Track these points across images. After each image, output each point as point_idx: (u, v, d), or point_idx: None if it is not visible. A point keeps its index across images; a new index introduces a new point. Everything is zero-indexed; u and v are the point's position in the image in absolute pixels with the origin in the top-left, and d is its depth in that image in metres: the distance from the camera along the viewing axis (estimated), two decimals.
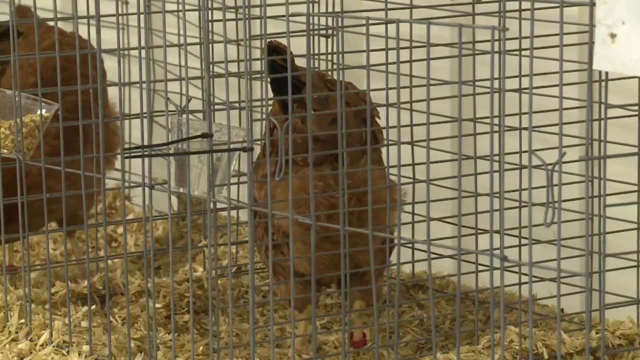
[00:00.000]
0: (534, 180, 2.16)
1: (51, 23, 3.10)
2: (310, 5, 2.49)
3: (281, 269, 2.66)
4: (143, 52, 2.80)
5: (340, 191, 2.43)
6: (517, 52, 2.22)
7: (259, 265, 2.69)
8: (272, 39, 2.45)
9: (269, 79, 2.50)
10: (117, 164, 3.35)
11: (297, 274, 2.61)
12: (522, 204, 2.25)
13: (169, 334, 2.80)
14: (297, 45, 2.45)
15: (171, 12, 2.71)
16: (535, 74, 2.09)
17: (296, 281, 2.62)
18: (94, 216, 3.43)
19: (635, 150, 2.21)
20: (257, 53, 2.62)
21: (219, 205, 2.61)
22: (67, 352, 2.76)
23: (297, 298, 2.65)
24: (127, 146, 2.71)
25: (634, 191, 2.29)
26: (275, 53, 2.45)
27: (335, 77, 2.56)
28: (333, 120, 2.47)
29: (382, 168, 2.63)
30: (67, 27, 3.12)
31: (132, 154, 2.60)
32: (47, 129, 2.87)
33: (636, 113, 2.15)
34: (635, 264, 2.39)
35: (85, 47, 3.02)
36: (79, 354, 2.73)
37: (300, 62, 2.48)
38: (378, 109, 2.59)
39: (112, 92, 2.89)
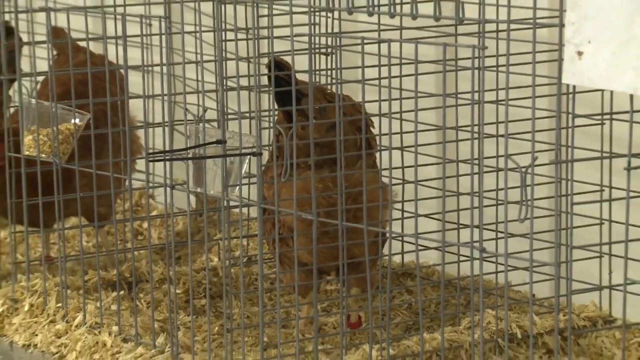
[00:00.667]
0: (510, 181, 2.15)
1: (82, 43, 3.08)
2: (312, 27, 2.48)
3: (286, 259, 2.65)
4: (164, 68, 2.79)
5: (338, 191, 2.41)
6: (495, 68, 2.20)
7: (267, 256, 2.67)
8: (277, 56, 2.43)
9: (274, 92, 2.49)
10: (136, 166, 3.33)
11: (300, 264, 2.61)
12: (499, 202, 2.23)
13: (188, 316, 2.79)
14: (300, 62, 2.43)
15: (189, 32, 2.68)
16: (511, 88, 2.08)
17: (300, 270, 2.62)
18: (121, 212, 3.40)
19: (598, 154, 2.19)
20: (265, 69, 2.60)
21: (231, 203, 2.60)
22: (99, 332, 2.75)
23: (301, 285, 2.64)
24: (150, 151, 2.69)
25: (597, 191, 2.26)
26: (279, 69, 2.45)
27: (334, 90, 2.54)
28: (331, 128, 2.45)
29: (375, 171, 2.62)
30: (97, 46, 3.09)
31: (156, 158, 2.59)
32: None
33: (599, 122, 2.12)
34: (598, 255, 2.37)
35: (107, 66, 3.01)
36: (109, 334, 2.73)
37: (303, 77, 2.47)
38: (372, 118, 2.58)
39: (136, 104, 2.87)
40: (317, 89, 2.50)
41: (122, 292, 2.90)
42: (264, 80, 2.48)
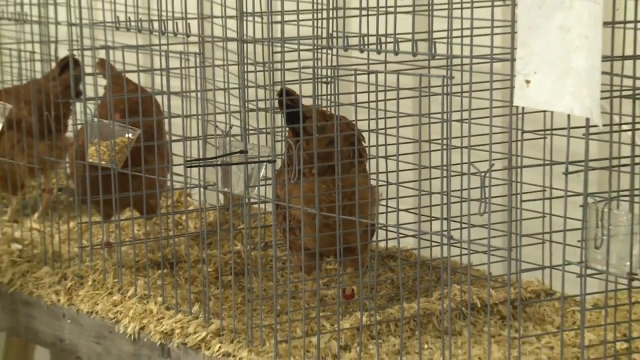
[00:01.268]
0: (472, 183, 2.13)
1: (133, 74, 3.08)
2: (315, 61, 2.46)
3: (295, 245, 2.63)
4: (199, 94, 2.78)
5: (336, 191, 2.40)
6: (460, 94, 2.18)
7: (279, 242, 2.66)
8: (287, 86, 2.42)
9: (285, 113, 2.48)
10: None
11: (306, 249, 2.60)
12: (463, 199, 2.21)
13: (217, 289, 2.77)
14: (306, 90, 2.42)
15: (218, 66, 2.68)
16: (473, 109, 2.07)
17: (305, 253, 2.62)
18: (165, 207, 3.39)
19: (542, 162, 2.17)
20: (277, 95, 2.59)
21: (252, 200, 2.58)
22: (147, 302, 2.75)
23: (306, 265, 2.64)
24: (187, 159, 2.68)
25: (540, 191, 2.24)
26: (288, 95, 2.44)
27: (332, 111, 2.53)
28: (330, 142, 2.44)
29: (365, 175, 2.61)
30: (145, 77, 3.07)
31: (192, 165, 2.59)
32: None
33: (542, 136, 2.10)
34: (541, 241, 2.34)
35: (145, 92, 3.02)
36: (155, 303, 2.72)
37: (308, 102, 2.46)
38: (363, 134, 2.57)
39: (176, 122, 2.87)
40: (318, 111, 2.50)
41: (165, 270, 2.89)
42: (277, 103, 2.47)
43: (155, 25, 2.79)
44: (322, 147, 2.48)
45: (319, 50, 2.50)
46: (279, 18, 2.36)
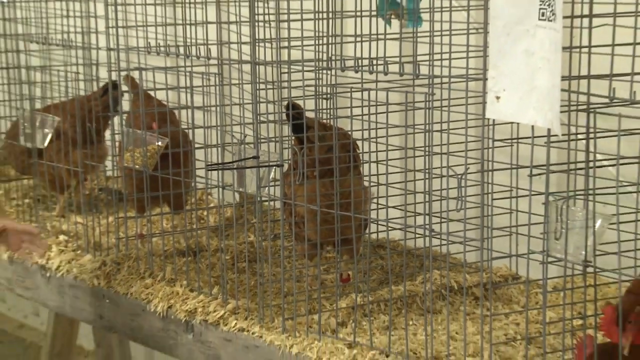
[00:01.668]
0: (450, 184, 2.13)
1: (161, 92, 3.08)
2: (317, 80, 2.46)
3: (299, 236, 2.63)
4: (218, 108, 2.78)
5: (335, 191, 2.39)
6: (440, 108, 2.17)
7: (286, 234, 2.65)
8: (293, 100, 2.42)
9: (291, 125, 2.48)
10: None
11: (308, 240, 2.60)
12: (443, 198, 2.20)
13: (233, 274, 2.77)
14: (309, 104, 2.42)
15: (235, 84, 2.67)
16: (452, 121, 2.07)
17: (308, 243, 2.62)
18: (190, 204, 3.38)
19: (509, 166, 2.16)
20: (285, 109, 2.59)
21: (263, 198, 2.58)
22: (174, 285, 2.74)
23: (309, 253, 2.64)
24: (208, 164, 2.68)
25: (508, 191, 2.24)
26: (294, 109, 2.44)
27: (331, 123, 2.52)
28: (329, 149, 2.43)
29: (359, 177, 2.61)
30: (172, 93, 3.07)
31: (212, 168, 2.59)
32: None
33: (510, 144, 2.09)
34: (509, 234, 2.34)
35: (162, 107, 3.04)
36: (180, 286, 2.72)
37: (310, 114, 2.46)
38: (357, 142, 2.57)
39: (199, 132, 2.88)
40: (319, 123, 2.50)
41: (189, 258, 2.89)
42: (285, 116, 2.47)
43: (181, 50, 2.79)
44: (323, 154, 2.48)
45: (320, 71, 2.49)
46: (286, 44, 2.36)
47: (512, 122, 1.83)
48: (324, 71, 2.49)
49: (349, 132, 2.54)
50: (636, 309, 1.81)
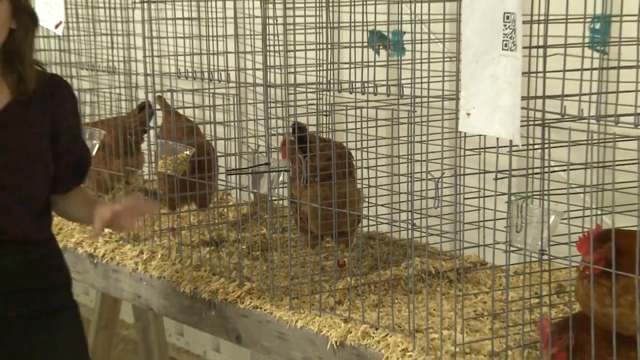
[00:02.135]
0: (429, 186, 2.13)
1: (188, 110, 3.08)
2: (318, 99, 2.45)
3: (303, 229, 2.62)
4: (236, 124, 2.77)
5: (333, 193, 2.38)
6: (420, 123, 2.17)
7: (293, 227, 2.64)
8: (298, 120, 2.43)
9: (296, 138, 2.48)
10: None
11: (311, 232, 2.60)
12: (423, 197, 2.20)
13: (249, 261, 2.76)
14: (311, 120, 2.42)
15: (250, 103, 2.67)
16: (430, 134, 2.07)
17: (311, 235, 2.61)
18: (213, 203, 3.37)
19: (477, 171, 2.15)
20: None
21: (273, 198, 2.58)
22: (199, 269, 2.74)
23: (311, 243, 2.64)
24: (228, 169, 2.68)
25: (477, 192, 2.22)
26: (299, 126, 2.44)
27: (330, 136, 2.52)
28: (328, 159, 2.43)
29: (353, 181, 2.60)
30: (197, 111, 3.07)
31: (231, 173, 2.58)
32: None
33: (478, 153, 2.08)
34: (477, 227, 2.33)
35: (190, 123, 3.05)
36: (205, 270, 2.71)
37: (312, 129, 2.47)
38: (351, 152, 2.56)
39: (220, 143, 2.88)
40: (320, 137, 2.50)
41: (212, 247, 2.87)
42: (291, 130, 2.47)
43: (205, 75, 2.79)
44: (323, 162, 2.48)
45: (321, 92, 2.48)
46: (292, 70, 2.36)
47: (480, 135, 1.81)
48: (324, 92, 2.48)
49: (344, 144, 2.53)
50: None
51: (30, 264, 2.12)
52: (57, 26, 2.94)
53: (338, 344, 2.20)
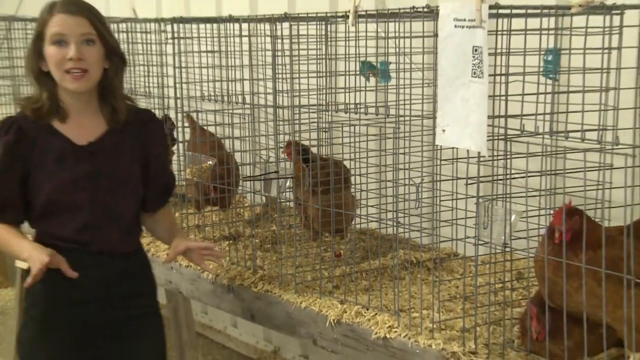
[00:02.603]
0: (411, 190, 2.12)
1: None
2: (318, 119, 2.45)
3: (307, 226, 2.62)
4: (250, 139, 2.77)
5: (332, 199, 2.37)
6: (404, 138, 2.16)
7: (298, 225, 2.63)
8: (302, 143, 2.45)
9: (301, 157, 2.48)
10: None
11: (313, 228, 2.58)
12: (406, 200, 2.19)
13: (261, 252, 2.74)
14: (313, 135, 2.42)
15: (262, 121, 2.67)
16: (412, 147, 2.06)
17: (313, 231, 2.60)
18: (232, 204, 3.36)
19: (451, 177, 2.14)
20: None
21: (281, 200, 2.57)
22: (227, 261, 2.70)
23: (313, 237, 2.63)
24: (245, 176, 2.68)
25: (451, 194, 2.21)
26: (303, 147, 2.45)
27: (329, 149, 2.52)
28: (327, 174, 2.41)
29: (348, 187, 2.59)
30: (220, 128, 3.06)
31: (247, 179, 2.58)
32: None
33: (451, 162, 2.07)
34: (451, 224, 2.32)
35: (212, 138, 3.03)
36: (224, 260, 2.65)
37: (314, 141, 2.47)
38: (345, 164, 2.56)
39: (237, 154, 2.87)
40: (321, 157, 2.51)
41: (230, 241, 2.86)
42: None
43: (225, 97, 2.79)
44: (323, 177, 2.47)
45: (321, 112, 2.48)
46: (297, 93, 2.35)
47: (453, 147, 1.81)
48: (323, 112, 2.48)
49: (341, 160, 2.52)
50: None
51: (118, 273, 2.05)
52: None
53: (335, 321, 2.19)
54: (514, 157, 1.83)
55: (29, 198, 1.98)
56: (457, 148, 1.80)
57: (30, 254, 1.87)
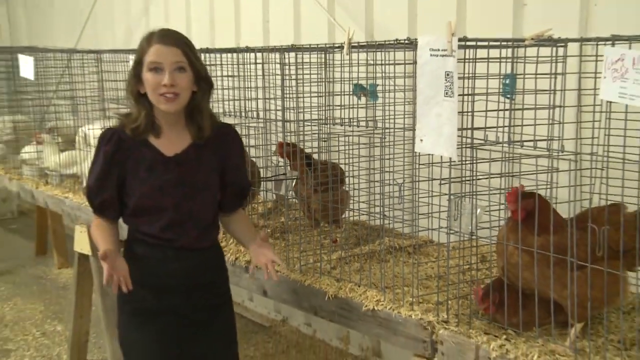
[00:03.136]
0: (395, 189, 2.11)
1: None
2: (319, 131, 2.45)
3: (309, 218, 2.61)
4: (263, 146, 2.76)
5: (330, 195, 2.37)
6: (388, 146, 2.16)
7: (302, 217, 2.63)
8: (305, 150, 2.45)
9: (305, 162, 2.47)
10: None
11: (315, 219, 2.58)
12: (391, 196, 2.19)
13: (272, 239, 2.72)
14: (314, 144, 2.41)
15: (273, 133, 2.66)
16: (395, 153, 2.06)
17: (314, 222, 2.59)
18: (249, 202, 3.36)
19: (428, 178, 2.15)
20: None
21: (289, 197, 2.56)
22: (239, 246, 2.68)
23: (315, 226, 2.62)
24: (261, 177, 2.67)
25: (427, 192, 2.22)
26: (307, 155, 2.45)
27: (327, 157, 2.51)
28: (326, 176, 2.42)
29: (342, 185, 2.59)
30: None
31: (261, 180, 2.57)
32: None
33: (427, 167, 2.08)
34: (427, 217, 2.33)
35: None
36: (243, 246, 2.65)
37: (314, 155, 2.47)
38: (341, 167, 2.55)
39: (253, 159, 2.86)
40: (321, 162, 2.51)
41: None
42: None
43: (242, 113, 2.79)
44: (324, 178, 2.47)
45: (321, 125, 2.49)
46: (301, 110, 2.35)
47: (429, 154, 1.81)
48: (323, 125, 2.48)
49: (337, 164, 2.52)
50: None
51: (196, 265, 2.00)
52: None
53: (333, 296, 2.19)
54: (479, 162, 1.83)
55: (123, 199, 1.96)
56: (432, 154, 1.81)
57: (103, 261, 1.82)
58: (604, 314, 1.72)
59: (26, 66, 3.54)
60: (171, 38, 1.91)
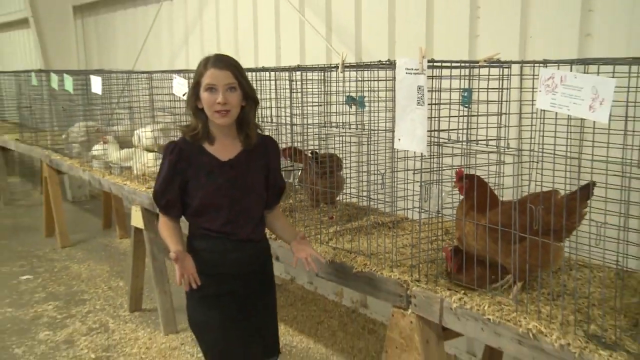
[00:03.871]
0: (379, 180, 2.09)
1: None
2: (319, 135, 2.42)
3: (312, 199, 2.58)
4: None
5: (328, 183, 2.34)
6: (375, 143, 2.13)
7: (306, 198, 2.59)
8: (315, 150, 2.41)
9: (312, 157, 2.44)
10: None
11: (316, 200, 2.55)
12: (375, 183, 2.16)
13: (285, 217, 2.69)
14: (317, 144, 2.38)
15: (283, 134, 2.63)
16: (379, 149, 2.02)
17: (316, 204, 2.56)
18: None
19: (404, 169, 2.12)
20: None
21: (296, 184, 2.53)
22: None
23: (316, 205, 2.58)
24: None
25: (403, 180, 2.19)
26: (315, 153, 2.42)
27: (328, 151, 2.48)
28: (325, 165, 2.38)
29: (339, 173, 2.56)
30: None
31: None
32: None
33: (405, 159, 2.05)
34: (403, 199, 2.29)
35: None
36: None
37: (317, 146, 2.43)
38: (339, 158, 2.53)
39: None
40: (322, 154, 2.47)
41: None
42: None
43: (259, 120, 2.75)
44: (324, 167, 2.45)
45: (321, 128, 2.46)
46: (305, 115, 2.32)
47: (406, 150, 1.79)
48: (322, 127, 2.46)
49: (337, 155, 2.49)
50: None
51: (251, 255, 1.93)
52: (184, 94, 2.88)
53: (330, 261, 2.17)
54: (444, 157, 1.81)
55: (186, 201, 1.89)
56: (407, 150, 1.79)
57: (174, 262, 1.78)
58: (538, 274, 1.71)
59: (96, 84, 3.61)
60: (224, 62, 1.85)
